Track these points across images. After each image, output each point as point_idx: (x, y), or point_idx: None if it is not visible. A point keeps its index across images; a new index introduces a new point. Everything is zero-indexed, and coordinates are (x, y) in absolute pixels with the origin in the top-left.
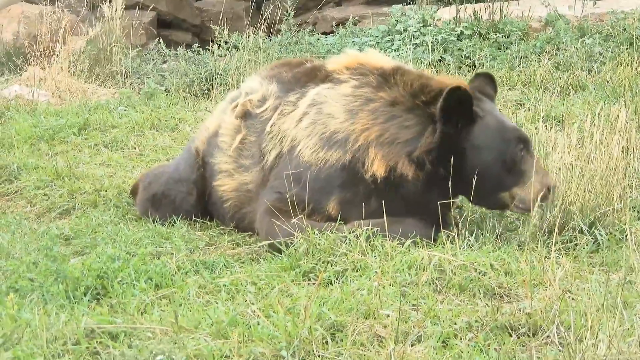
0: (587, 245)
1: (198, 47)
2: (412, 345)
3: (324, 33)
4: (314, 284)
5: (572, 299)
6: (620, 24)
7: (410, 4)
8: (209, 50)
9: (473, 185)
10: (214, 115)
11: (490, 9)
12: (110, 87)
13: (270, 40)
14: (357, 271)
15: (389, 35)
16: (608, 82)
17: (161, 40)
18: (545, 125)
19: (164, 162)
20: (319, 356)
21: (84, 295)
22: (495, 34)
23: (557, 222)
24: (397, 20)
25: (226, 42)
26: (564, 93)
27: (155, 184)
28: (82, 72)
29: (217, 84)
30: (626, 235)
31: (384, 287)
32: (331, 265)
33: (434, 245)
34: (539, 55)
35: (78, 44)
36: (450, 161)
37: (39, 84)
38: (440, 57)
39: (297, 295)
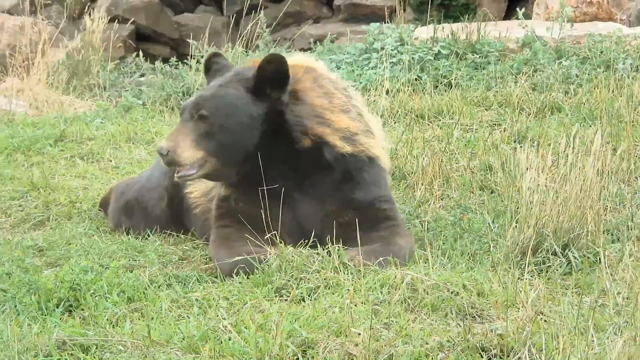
0: (560, 267)
1: (176, 61)
2: None
3: (302, 49)
4: (286, 300)
5: (545, 321)
6: (598, 46)
7: (387, 22)
8: (186, 64)
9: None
10: None
11: (468, 29)
12: (87, 100)
13: (248, 55)
14: (329, 288)
15: (367, 53)
16: (584, 104)
17: (140, 53)
18: (521, 146)
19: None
20: None
21: (56, 307)
22: (473, 54)
23: (530, 244)
24: (374, 39)
25: (204, 57)
26: (540, 114)
27: (127, 192)
28: (60, 83)
29: None
30: (599, 258)
31: (356, 305)
32: (304, 282)
33: (407, 265)
34: (516, 76)
35: (57, 55)
36: None
37: (17, 94)
38: (417, 76)
39: (269, 311)
